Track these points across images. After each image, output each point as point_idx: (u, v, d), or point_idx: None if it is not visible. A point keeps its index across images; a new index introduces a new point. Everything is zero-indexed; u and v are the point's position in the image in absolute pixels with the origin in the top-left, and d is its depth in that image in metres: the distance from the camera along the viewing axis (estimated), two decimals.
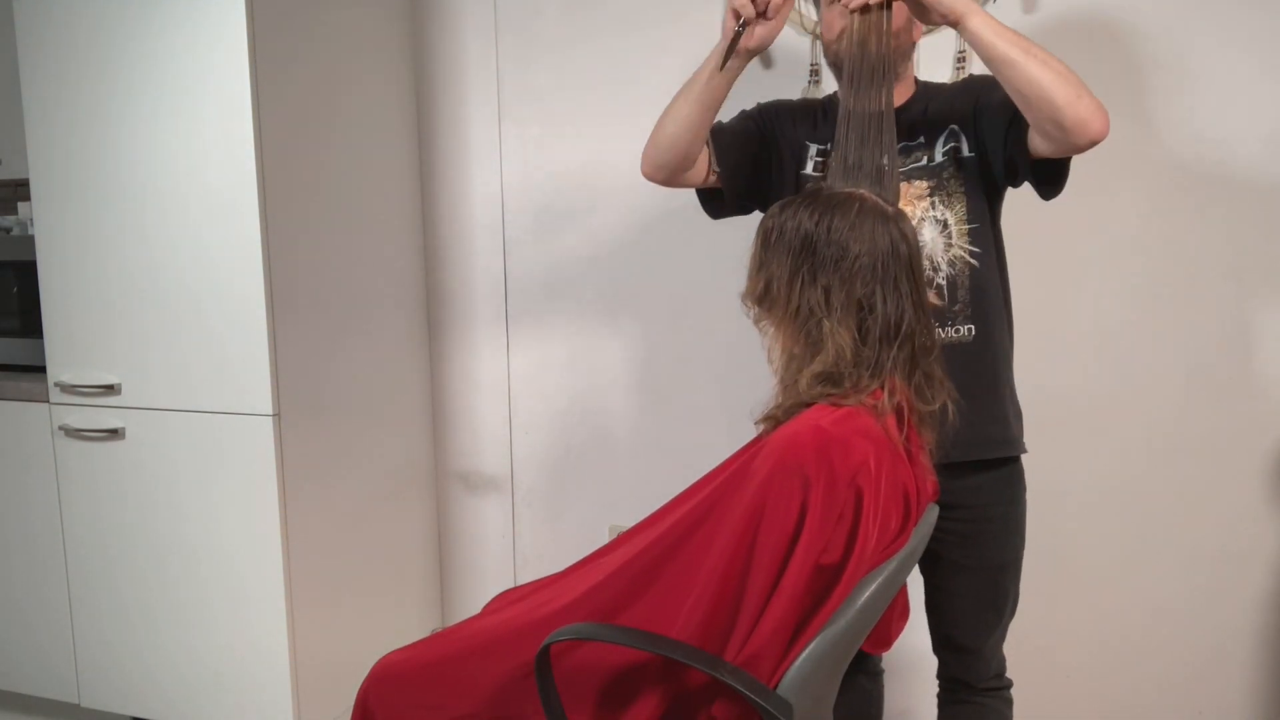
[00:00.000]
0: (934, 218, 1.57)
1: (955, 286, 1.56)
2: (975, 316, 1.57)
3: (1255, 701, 2.08)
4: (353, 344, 2.28)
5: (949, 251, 1.57)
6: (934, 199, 1.57)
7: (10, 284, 2.38)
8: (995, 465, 1.61)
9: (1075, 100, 1.34)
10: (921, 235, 1.54)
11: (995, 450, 1.59)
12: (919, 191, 1.57)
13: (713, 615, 1.17)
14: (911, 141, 1.59)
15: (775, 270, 1.28)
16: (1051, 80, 1.34)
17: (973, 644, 1.65)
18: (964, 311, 1.56)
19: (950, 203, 1.56)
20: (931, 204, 1.57)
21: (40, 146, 2.14)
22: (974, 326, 1.56)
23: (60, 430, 2.21)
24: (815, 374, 1.24)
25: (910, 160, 1.59)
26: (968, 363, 1.55)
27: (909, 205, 1.57)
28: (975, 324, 1.57)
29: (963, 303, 1.56)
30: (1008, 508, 1.63)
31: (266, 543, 2.07)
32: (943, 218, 1.57)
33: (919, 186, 1.58)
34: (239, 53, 1.94)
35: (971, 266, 1.57)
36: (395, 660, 1.38)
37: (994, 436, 1.59)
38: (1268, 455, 2.01)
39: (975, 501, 1.58)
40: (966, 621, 1.65)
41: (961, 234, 1.56)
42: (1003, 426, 1.61)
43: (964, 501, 1.57)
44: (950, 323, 1.56)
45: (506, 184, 2.47)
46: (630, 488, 2.45)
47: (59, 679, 2.33)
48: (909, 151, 1.59)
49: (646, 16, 2.29)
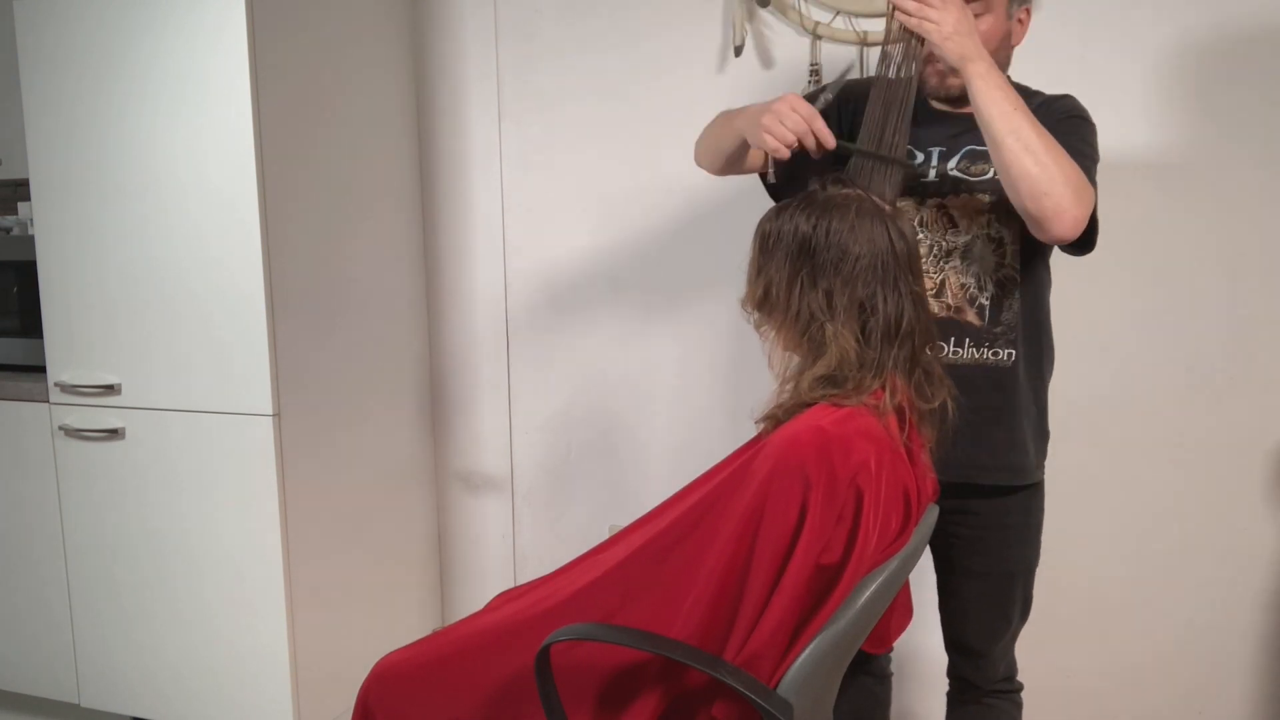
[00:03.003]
0: (989, 235, 1.53)
1: (1000, 308, 1.53)
2: (1019, 341, 1.54)
3: (1256, 702, 2.08)
4: (353, 344, 2.28)
5: (999, 271, 1.53)
6: (993, 215, 1.52)
7: (10, 284, 2.38)
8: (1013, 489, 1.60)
9: (1042, 196, 1.33)
10: (972, 251, 1.53)
11: (1012, 479, 1.58)
12: (979, 205, 1.53)
13: (712, 615, 1.17)
14: (977, 146, 1.52)
15: (774, 275, 1.27)
16: (1024, 169, 1.33)
17: (982, 647, 1.65)
18: (1006, 335, 1.53)
19: (1009, 221, 1.51)
20: (990, 220, 1.53)
21: (40, 146, 2.14)
22: (1014, 351, 1.54)
23: (60, 430, 2.21)
24: (818, 377, 1.24)
25: (976, 170, 1.54)
26: (1000, 386, 1.53)
27: (967, 218, 1.54)
28: (1017, 349, 1.54)
29: (1006, 325, 1.53)
30: (1022, 517, 1.62)
31: (266, 542, 2.07)
32: (998, 235, 1.52)
33: (980, 200, 1.53)
34: (239, 53, 1.94)
35: (1021, 289, 1.53)
36: (395, 660, 1.38)
37: (1012, 464, 1.57)
38: (1268, 455, 2.01)
39: (990, 510, 1.58)
40: (976, 626, 1.65)
41: (1015, 254, 1.53)
42: (1021, 455, 1.58)
43: (979, 509, 1.58)
44: (988, 344, 1.53)
45: (506, 184, 2.47)
46: (630, 488, 2.45)
47: (59, 679, 2.32)
48: (979, 158, 1.53)
49: (646, 18, 2.29)
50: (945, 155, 1.57)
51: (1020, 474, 1.59)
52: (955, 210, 1.54)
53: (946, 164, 1.56)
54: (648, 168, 2.33)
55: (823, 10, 2.13)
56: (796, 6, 2.14)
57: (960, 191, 1.54)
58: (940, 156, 1.57)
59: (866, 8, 2.09)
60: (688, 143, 2.29)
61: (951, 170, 1.56)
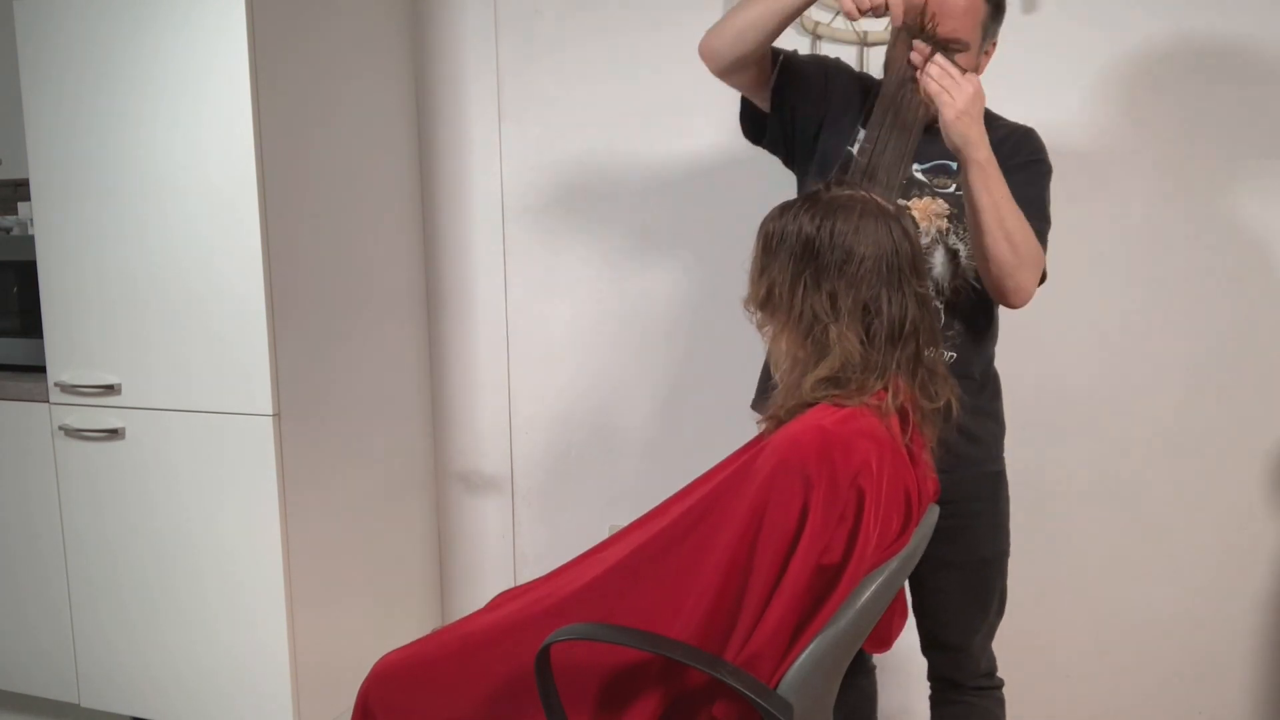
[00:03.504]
0: (947, 245, 1.58)
1: (952, 313, 1.59)
2: (960, 344, 1.60)
3: (1254, 701, 2.08)
4: (353, 344, 2.28)
5: (954, 280, 1.59)
6: (952, 225, 1.58)
7: (10, 284, 2.37)
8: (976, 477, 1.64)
9: (1007, 278, 1.49)
10: (932, 259, 1.57)
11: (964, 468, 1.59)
12: (940, 209, 1.59)
13: (713, 615, 1.17)
14: (949, 163, 1.58)
15: (777, 275, 1.27)
16: (1000, 255, 1.46)
17: (960, 641, 1.66)
18: (954, 339, 1.60)
19: (965, 237, 1.57)
20: (948, 229, 1.58)
21: (40, 146, 2.14)
22: (956, 354, 1.60)
23: (60, 430, 2.21)
24: (821, 378, 1.24)
25: (939, 181, 1.60)
26: None
27: (926, 220, 1.58)
28: (958, 350, 1.60)
29: (954, 330, 1.60)
30: (989, 504, 1.65)
31: (266, 542, 2.07)
32: (955, 247, 1.58)
33: (941, 205, 1.59)
34: (239, 53, 1.94)
35: (970, 296, 1.60)
36: (395, 660, 1.38)
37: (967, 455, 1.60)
38: (1268, 455, 2.02)
39: (958, 496, 1.58)
40: (953, 618, 1.66)
41: (970, 267, 1.58)
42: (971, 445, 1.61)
43: (947, 497, 1.56)
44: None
45: (506, 184, 2.47)
46: (630, 488, 2.45)
47: (59, 679, 2.32)
48: (943, 172, 1.60)
49: (646, 17, 2.29)
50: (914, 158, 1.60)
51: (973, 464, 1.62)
52: (917, 212, 1.59)
53: (910, 165, 1.58)
54: (648, 167, 2.33)
55: (823, 10, 2.13)
56: None
57: (923, 195, 1.59)
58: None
59: None
60: (688, 142, 2.31)
61: (918, 174, 1.59)
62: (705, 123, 2.26)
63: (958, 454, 1.54)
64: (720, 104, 2.23)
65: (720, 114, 2.23)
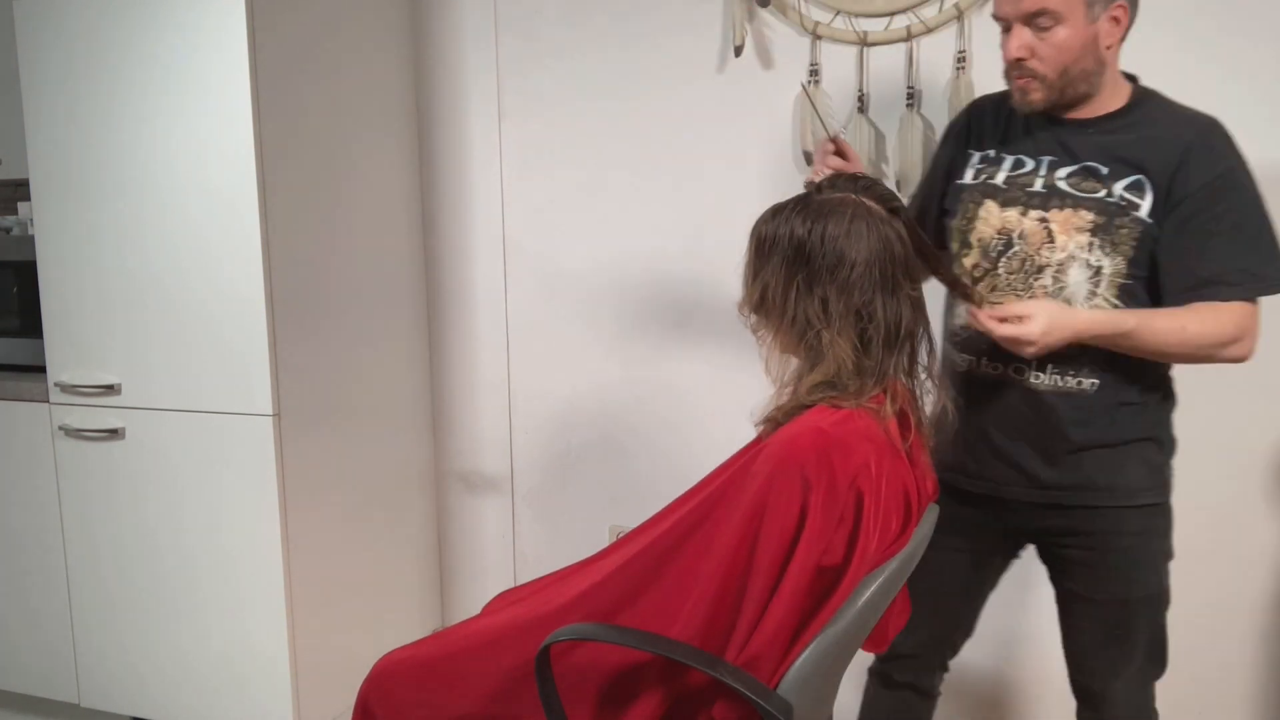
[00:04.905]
0: (1087, 260, 1.43)
1: None
2: (1104, 370, 1.46)
3: (1255, 702, 2.08)
4: (353, 344, 2.28)
5: (1090, 301, 1.44)
6: (1097, 239, 1.43)
7: (10, 284, 2.37)
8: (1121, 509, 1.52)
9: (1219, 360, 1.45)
10: (1065, 276, 1.44)
11: (1101, 500, 1.50)
12: (1081, 222, 1.43)
13: (713, 616, 1.17)
14: (1099, 166, 1.44)
15: (770, 279, 1.26)
16: (1200, 357, 1.43)
17: (1097, 686, 1.56)
18: (1090, 365, 1.45)
19: (1112, 252, 1.43)
20: (1091, 244, 1.43)
21: (40, 146, 2.14)
22: (1099, 381, 1.46)
23: (60, 430, 2.21)
24: (815, 383, 1.24)
25: (1086, 185, 1.45)
26: (1081, 411, 1.47)
27: (1065, 234, 1.44)
28: (1100, 378, 1.46)
29: (1091, 354, 1.44)
30: (1133, 539, 1.52)
31: (266, 542, 2.07)
32: (1098, 263, 1.43)
33: (1083, 217, 1.43)
34: (239, 53, 1.94)
35: None
36: (395, 660, 1.38)
37: (1100, 485, 1.50)
38: (1268, 455, 2.01)
39: (1093, 529, 1.50)
40: (1088, 658, 1.57)
41: (1112, 286, 1.43)
42: (1111, 476, 1.50)
43: (1081, 528, 1.51)
44: (1071, 371, 1.46)
45: (506, 184, 2.47)
46: (630, 488, 2.45)
47: (59, 679, 2.32)
48: (1091, 175, 1.45)
49: (646, 17, 2.29)
50: (1055, 165, 1.48)
51: (1114, 495, 1.50)
52: (1055, 225, 1.45)
53: (1055, 173, 1.47)
54: (648, 167, 2.33)
55: (823, 10, 2.13)
56: (796, 6, 2.14)
57: (1065, 206, 1.45)
58: (1050, 166, 1.48)
59: (866, 8, 2.09)
60: (687, 142, 2.31)
61: (1060, 182, 1.46)
62: (706, 121, 2.26)
63: (1098, 486, 1.48)
64: (721, 103, 2.24)
65: (720, 113, 2.23)
